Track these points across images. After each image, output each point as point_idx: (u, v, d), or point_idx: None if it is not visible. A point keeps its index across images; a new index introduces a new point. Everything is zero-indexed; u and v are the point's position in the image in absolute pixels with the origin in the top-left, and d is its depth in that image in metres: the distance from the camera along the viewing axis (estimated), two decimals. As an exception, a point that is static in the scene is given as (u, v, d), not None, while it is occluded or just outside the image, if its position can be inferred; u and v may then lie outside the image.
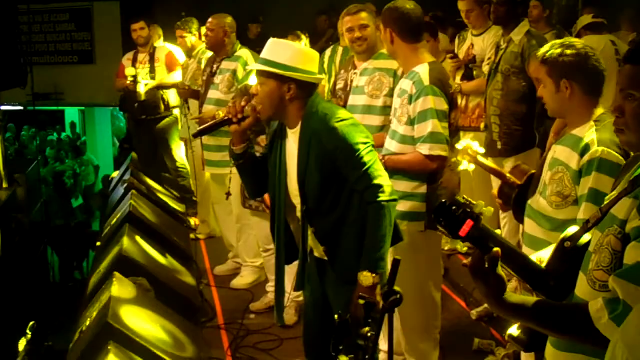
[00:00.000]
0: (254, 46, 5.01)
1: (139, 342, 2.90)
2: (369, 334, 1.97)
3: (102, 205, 7.10)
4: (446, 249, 4.50)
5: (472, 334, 3.94)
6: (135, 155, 6.27)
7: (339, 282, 2.79)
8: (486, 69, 4.58)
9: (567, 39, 2.49)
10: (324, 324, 2.91)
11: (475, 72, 4.85)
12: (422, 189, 3.21)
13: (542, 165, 2.60)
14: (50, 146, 12.08)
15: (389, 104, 3.49)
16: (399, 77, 3.50)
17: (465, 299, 4.44)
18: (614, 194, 1.70)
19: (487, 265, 1.60)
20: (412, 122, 3.17)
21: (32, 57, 7.82)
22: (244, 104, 2.79)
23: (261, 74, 2.74)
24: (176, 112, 6.28)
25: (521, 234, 2.75)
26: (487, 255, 1.60)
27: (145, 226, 4.38)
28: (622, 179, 1.74)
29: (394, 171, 3.16)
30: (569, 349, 1.78)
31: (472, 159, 3.07)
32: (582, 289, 1.69)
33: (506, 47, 4.22)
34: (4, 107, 7.43)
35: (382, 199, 2.65)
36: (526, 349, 1.95)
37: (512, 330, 1.87)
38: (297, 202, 2.85)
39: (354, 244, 2.72)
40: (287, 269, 2.98)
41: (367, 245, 2.66)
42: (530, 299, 1.64)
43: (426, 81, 3.11)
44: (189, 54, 6.07)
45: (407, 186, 3.21)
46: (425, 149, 3.12)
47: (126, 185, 5.08)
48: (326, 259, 2.83)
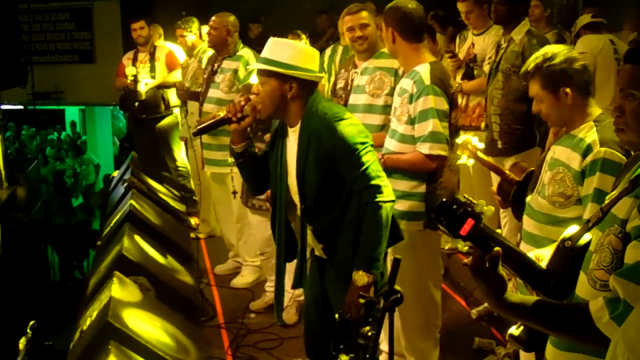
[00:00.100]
0: (254, 46, 5.00)
1: (139, 342, 2.90)
2: (369, 333, 1.97)
3: (102, 204, 7.09)
4: (447, 248, 4.51)
5: (473, 333, 3.94)
6: (135, 154, 6.27)
7: (339, 281, 2.79)
8: (487, 68, 4.58)
9: (544, 49, 2.53)
10: (324, 323, 2.92)
11: (475, 72, 4.85)
12: (421, 189, 3.21)
13: (541, 164, 2.60)
14: (50, 145, 12.08)
15: (390, 103, 3.49)
16: (399, 76, 3.50)
17: (465, 298, 4.43)
18: (615, 193, 1.70)
19: (487, 264, 1.60)
20: (412, 121, 3.17)
21: (32, 56, 7.84)
22: (243, 103, 2.79)
23: (262, 73, 2.74)
24: (176, 112, 6.29)
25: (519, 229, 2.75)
26: (488, 254, 1.60)
27: (145, 225, 4.38)
28: (623, 178, 1.74)
29: (393, 170, 3.16)
30: (570, 349, 1.78)
31: (472, 154, 3.08)
32: (583, 288, 1.69)
33: (507, 46, 4.22)
34: (4, 106, 7.45)
35: (380, 200, 2.65)
36: (526, 349, 1.95)
37: (513, 329, 1.87)
38: (297, 200, 2.86)
39: (352, 242, 2.72)
40: (288, 267, 2.98)
41: (363, 244, 2.67)
42: (530, 299, 1.64)
43: (427, 80, 3.11)
44: (189, 53, 6.07)
45: (406, 185, 3.21)
46: (425, 148, 3.12)
47: (126, 184, 5.08)
48: (325, 257, 2.84)
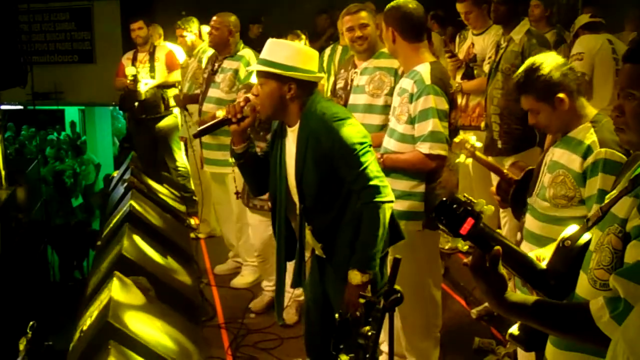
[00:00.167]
0: (255, 46, 5.00)
1: (139, 342, 2.90)
2: (369, 333, 1.97)
3: (102, 204, 7.09)
4: (447, 247, 4.51)
5: (473, 332, 3.94)
6: (135, 154, 6.27)
7: (339, 281, 2.78)
8: (486, 68, 4.57)
9: (527, 62, 2.56)
10: (324, 323, 2.92)
11: (475, 71, 4.85)
12: (421, 188, 3.21)
13: (540, 164, 2.61)
14: (50, 145, 12.08)
15: (390, 103, 3.48)
16: (399, 76, 3.50)
17: (465, 298, 4.43)
18: (614, 192, 1.70)
19: (487, 263, 1.60)
20: (412, 121, 3.16)
21: (32, 57, 7.84)
22: (243, 103, 2.79)
23: (261, 75, 2.74)
24: (176, 112, 6.28)
25: (519, 229, 2.76)
26: (488, 253, 1.60)
27: (145, 225, 4.38)
28: (622, 177, 1.74)
29: (392, 169, 3.16)
30: (570, 348, 1.78)
31: (469, 152, 3.07)
32: (583, 288, 1.69)
33: (506, 46, 4.22)
34: (3, 107, 7.44)
35: (378, 200, 2.65)
36: (526, 348, 1.95)
37: (513, 329, 1.87)
38: (296, 199, 2.86)
39: (350, 242, 2.71)
40: (288, 266, 2.98)
41: (359, 244, 2.67)
42: (530, 298, 1.64)
43: (427, 80, 3.11)
44: (189, 52, 6.07)
45: (406, 185, 3.21)
46: (425, 148, 3.12)
47: (126, 184, 5.08)
48: (324, 256, 2.84)
